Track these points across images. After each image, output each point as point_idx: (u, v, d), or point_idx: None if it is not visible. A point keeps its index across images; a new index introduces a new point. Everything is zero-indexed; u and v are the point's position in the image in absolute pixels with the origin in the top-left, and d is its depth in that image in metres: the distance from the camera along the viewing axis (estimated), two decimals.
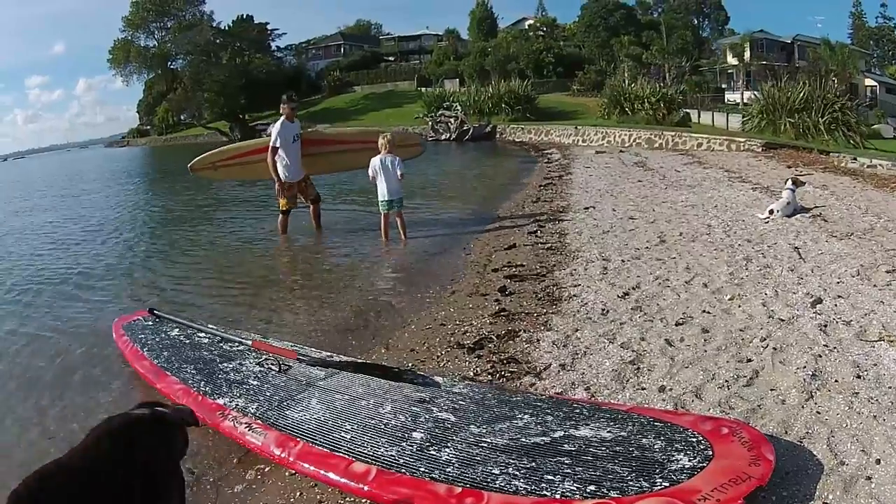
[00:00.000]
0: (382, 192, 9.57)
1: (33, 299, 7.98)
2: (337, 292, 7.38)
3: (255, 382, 4.26)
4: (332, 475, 3.19)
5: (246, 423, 3.71)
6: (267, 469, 3.61)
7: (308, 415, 3.73)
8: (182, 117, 78.56)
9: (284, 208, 10.36)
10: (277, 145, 9.82)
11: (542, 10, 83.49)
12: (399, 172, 9.39)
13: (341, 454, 3.29)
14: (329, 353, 4.81)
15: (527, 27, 76.41)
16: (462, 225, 11.12)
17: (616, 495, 2.69)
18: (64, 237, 12.76)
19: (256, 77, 71.86)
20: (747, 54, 54.86)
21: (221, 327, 5.53)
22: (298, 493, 3.37)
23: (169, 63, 76.18)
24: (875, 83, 52.04)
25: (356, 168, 10.73)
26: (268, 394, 4.06)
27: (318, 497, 3.31)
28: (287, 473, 3.51)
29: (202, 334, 5.27)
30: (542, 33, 72.04)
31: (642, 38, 62.90)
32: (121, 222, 14.85)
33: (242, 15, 78.29)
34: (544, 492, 2.79)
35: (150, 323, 5.66)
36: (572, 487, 2.78)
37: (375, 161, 9.52)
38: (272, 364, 4.49)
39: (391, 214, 9.73)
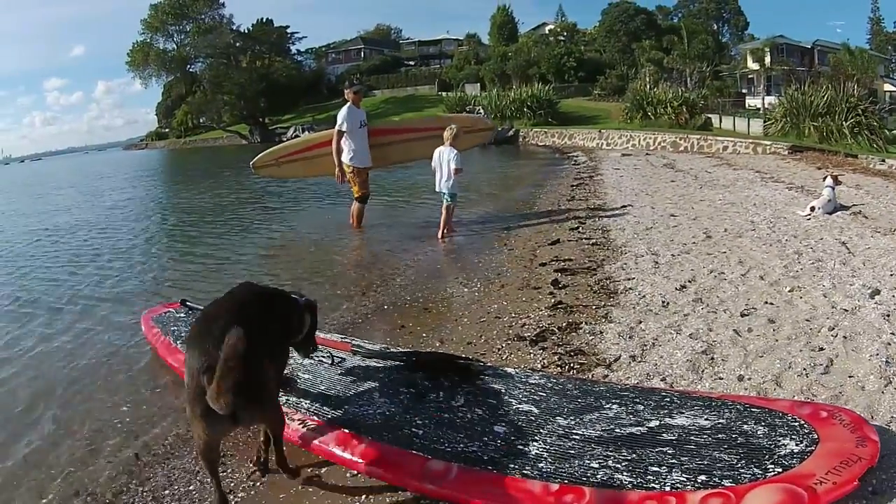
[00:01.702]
0: (435, 184, 9.58)
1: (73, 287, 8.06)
2: (379, 287, 7.19)
3: (306, 376, 3.96)
4: (405, 475, 2.97)
5: (300, 420, 3.45)
6: (325, 470, 3.30)
7: (371, 410, 3.46)
8: (201, 120, 78.53)
9: (359, 194, 10.12)
10: (344, 129, 9.67)
11: (563, 15, 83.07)
12: (453, 166, 9.24)
13: (415, 451, 3.06)
14: (384, 345, 4.56)
15: (547, 32, 75.89)
16: (499, 222, 10.92)
17: (730, 484, 2.55)
18: (82, 243, 12.11)
19: (276, 81, 72.48)
20: (768, 59, 54.30)
21: None
22: (364, 497, 3.07)
23: (188, 66, 76.99)
24: (894, 88, 51.44)
25: (426, 157, 10.56)
26: (322, 388, 3.80)
27: (390, 499, 3.02)
28: (349, 474, 3.22)
29: None
30: (562, 38, 71.56)
31: (663, 42, 62.49)
32: (149, 221, 14.92)
33: (262, 18, 78.71)
34: (652, 484, 2.62)
35: (183, 314, 5.43)
36: (682, 478, 2.62)
37: (436, 152, 9.49)
38: (324, 356, 4.13)
39: (446, 208, 9.63)
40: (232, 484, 3.30)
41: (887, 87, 50.19)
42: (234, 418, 2.71)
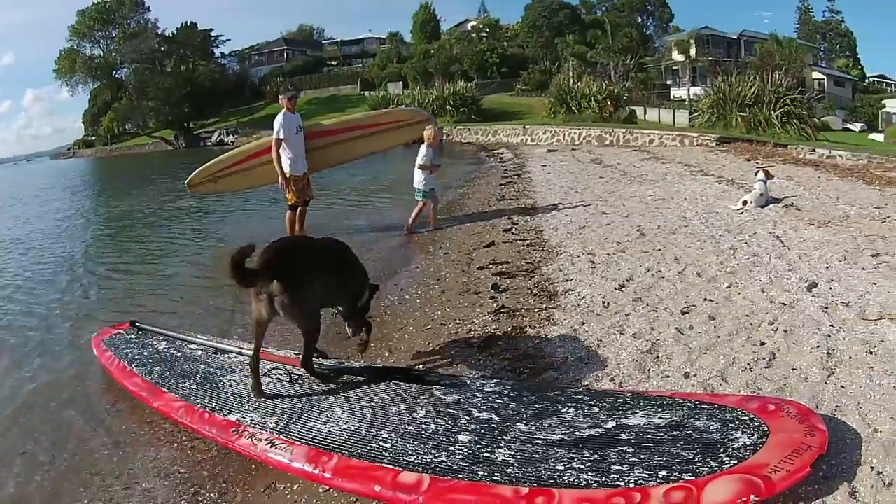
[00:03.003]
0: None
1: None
2: None
3: (267, 395, 4.07)
4: (378, 488, 3.09)
5: (266, 440, 3.55)
6: (296, 487, 3.44)
7: (336, 426, 3.58)
8: (127, 127, 78.03)
9: (292, 202, 10.12)
10: (282, 137, 9.71)
11: (485, 11, 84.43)
12: (421, 162, 10.07)
13: (385, 465, 3.19)
14: (338, 360, 4.70)
15: (469, 28, 77.13)
16: (422, 226, 10.96)
17: (690, 477, 2.76)
18: (11, 254, 12.16)
19: (201, 84, 72.78)
20: (693, 51, 55.99)
21: (211, 337, 5.34)
22: None
23: (114, 72, 76.78)
24: (823, 76, 53.81)
25: (366, 155, 10.82)
26: (284, 406, 3.88)
27: None
28: (321, 490, 3.35)
29: (193, 346, 5.06)
30: (485, 34, 72.56)
31: (587, 36, 63.90)
32: (77, 234, 14.49)
33: (187, 22, 78.28)
34: (617, 482, 2.81)
35: (134, 336, 5.40)
36: (644, 475, 2.83)
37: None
38: (282, 374, 4.27)
39: (418, 203, 10.30)
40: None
41: (816, 75, 52.48)
42: (273, 307, 3.85)
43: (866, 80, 65.14)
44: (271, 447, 3.50)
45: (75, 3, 74.11)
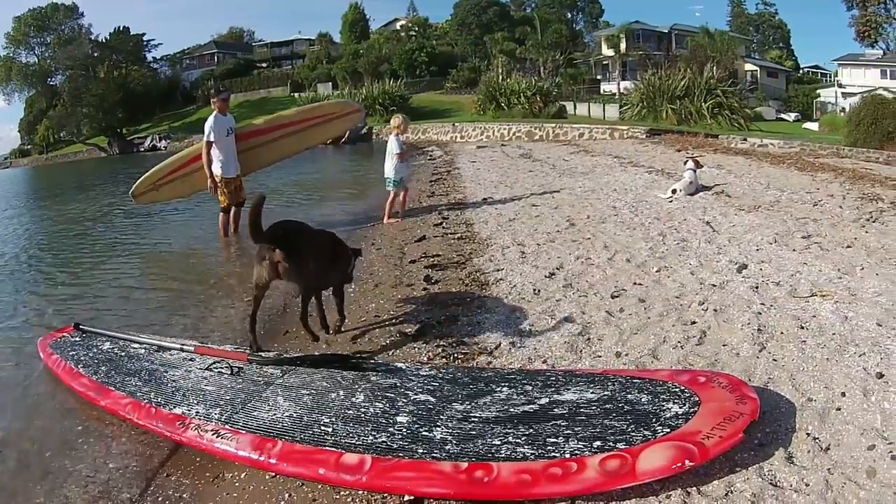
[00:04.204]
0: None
1: None
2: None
3: (210, 388, 4.11)
4: (322, 471, 3.16)
5: (212, 430, 3.60)
6: (243, 475, 3.45)
7: (279, 413, 3.66)
8: (62, 134, 76.31)
9: (225, 205, 10.05)
10: (212, 139, 9.63)
11: (414, 10, 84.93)
12: (397, 150, 10.32)
13: (328, 447, 3.26)
14: (277, 353, 4.79)
15: (399, 28, 77.35)
16: (363, 221, 11.06)
17: (624, 446, 2.85)
18: None
19: (133, 90, 72.10)
20: (623, 45, 56.94)
21: (153, 336, 5.33)
22: (287, 496, 3.22)
23: (49, 79, 75.61)
24: (756, 68, 55.20)
25: (300, 152, 10.80)
26: (228, 397, 3.95)
27: (311, 496, 3.19)
28: (267, 477, 3.38)
29: (136, 345, 5.06)
30: (413, 33, 72.91)
31: (516, 33, 64.38)
32: (17, 241, 13.84)
33: (120, 27, 77.38)
34: (553, 454, 2.90)
35: (78, 338, 5.39)
36: (578, 446, 2.92)
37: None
38: (222, 368, 4.34)
39: (390, 193, 10.60)
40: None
41: (749, 66, 53.92)
42: (277, 271, 4.69)
43: (801, 71, 66.99)
44: (217, 437, 3.56)
45: (10, 9, 72.75)
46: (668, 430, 2.91)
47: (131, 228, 13.18)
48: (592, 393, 3.38)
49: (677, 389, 3.26)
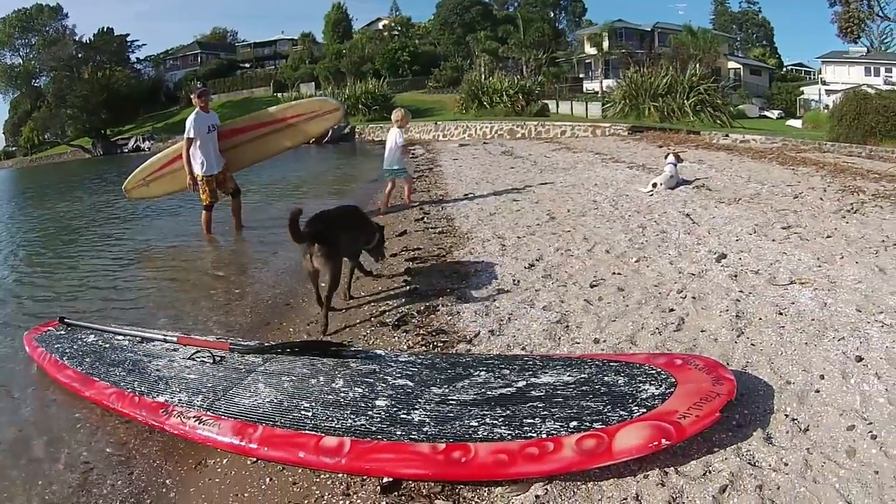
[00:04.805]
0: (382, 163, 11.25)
1: None
2: (242, 289, 7.25)
3: (192, 376, 4.16)
4: (302, 454, 3.20)
5: (195, 417, 3.64)
6: (225, 461, 3.48)
7: (260, 399, 3.69)
8: (46, 136, 76.06)
9: (207, 202, 9.99)
10: (192, 136, 9.60)
11: (396, 9, 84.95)
12: (402, 143, 10.91)
13: (308, 431, 3.29)
14: (259, 342, 4.85)
15: (381, 27, 77.67)
16: None
17: (600, 426, 2.87)
18: None
19: (117, 91, 72.10)
20: (606, 44, 57.17)
21: (136, 327, 5.35)
22: (268, 480, 3.26)
23: (33, 80, 75.56)
24: (739, 65, 55.70)
25: (283, 151, 10.79)
26: (209, 385, 3.99)
27: (292, 480, 3.22)
28: (249, 462, 3.42)
29: (120, 337, 5.08)
30: (396, 33, 73.06)
31: (499, 32, 64.65)
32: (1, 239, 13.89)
33: (104, 27, 76.75)
34: (530, 434, 2.94)
35: (63, 332, 5.41)
36: (555, 426, 2.95)
37: (388, 134, 11.22)
38: (205, 357, 4.41)
39: (387, 182, 11.17)
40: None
41: (732, 64, 54.33)
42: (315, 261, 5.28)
43: (784, 69, 67.50)
44: (199, 424, 3.60)
45: None
46: (645, 410, 2.93)
47: (117, 227, 13.12)
48: (569, 376, 3.41)
49: (654, 371, 3.28)
